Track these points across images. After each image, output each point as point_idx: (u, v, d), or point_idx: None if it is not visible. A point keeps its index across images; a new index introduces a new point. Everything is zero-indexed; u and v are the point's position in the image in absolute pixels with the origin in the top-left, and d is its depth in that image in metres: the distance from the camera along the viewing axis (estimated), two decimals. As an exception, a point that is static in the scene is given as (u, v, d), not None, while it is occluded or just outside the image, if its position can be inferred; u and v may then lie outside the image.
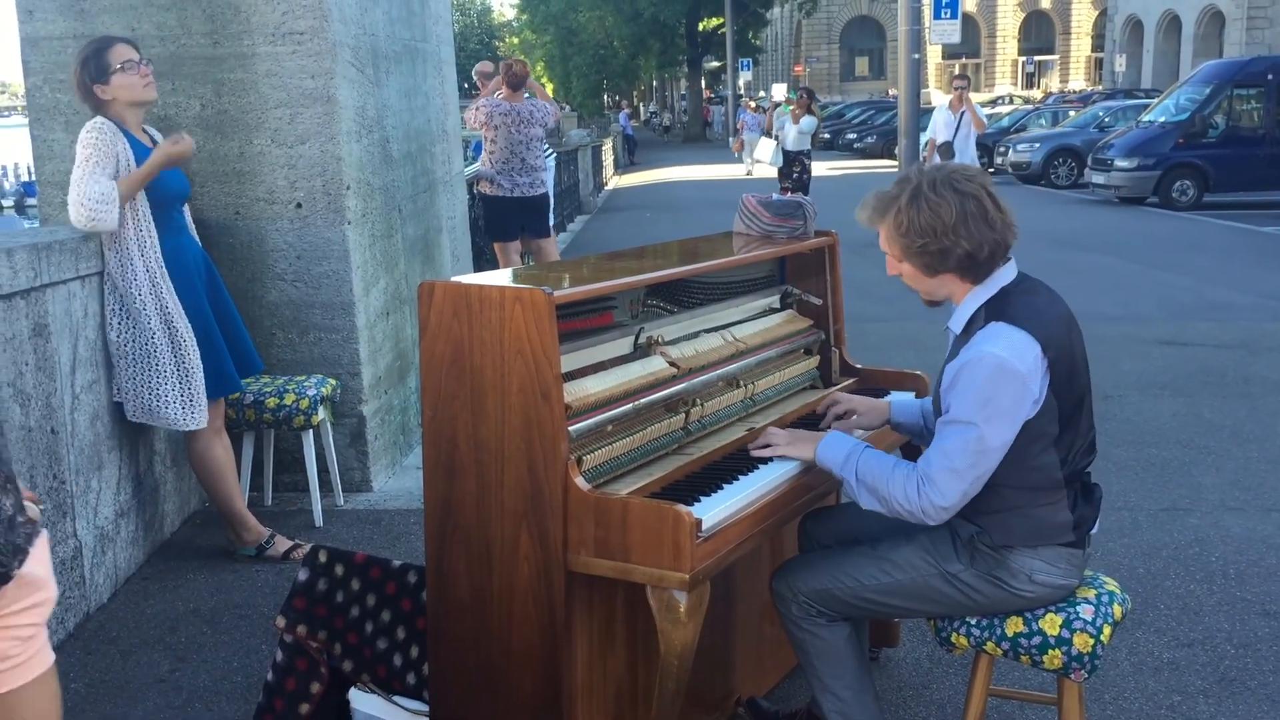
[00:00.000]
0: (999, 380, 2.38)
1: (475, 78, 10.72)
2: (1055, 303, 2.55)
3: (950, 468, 2.43)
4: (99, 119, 3.97)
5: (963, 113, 12.90)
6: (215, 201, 4.88)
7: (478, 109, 8.61)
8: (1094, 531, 2.63)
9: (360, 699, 2.88)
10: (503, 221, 8.82)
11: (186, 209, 4.33)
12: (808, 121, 15.58)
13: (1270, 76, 17.60)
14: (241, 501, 4.41)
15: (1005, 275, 2.53)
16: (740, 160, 27.89)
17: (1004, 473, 2.47)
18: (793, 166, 15.66)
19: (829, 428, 2.99)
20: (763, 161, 17.16)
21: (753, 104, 31.17)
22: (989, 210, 2.46)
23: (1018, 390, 2.39)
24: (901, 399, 3.07)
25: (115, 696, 3.44)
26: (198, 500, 4.96)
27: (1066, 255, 12.39)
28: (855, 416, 3.03)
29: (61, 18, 4.77)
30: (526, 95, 8.69)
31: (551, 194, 10.15)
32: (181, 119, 4.82)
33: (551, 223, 9.87)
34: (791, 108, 16.47)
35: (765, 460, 2.76)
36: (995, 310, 2.48)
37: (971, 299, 2.54)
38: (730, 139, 31.27)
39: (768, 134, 17.73)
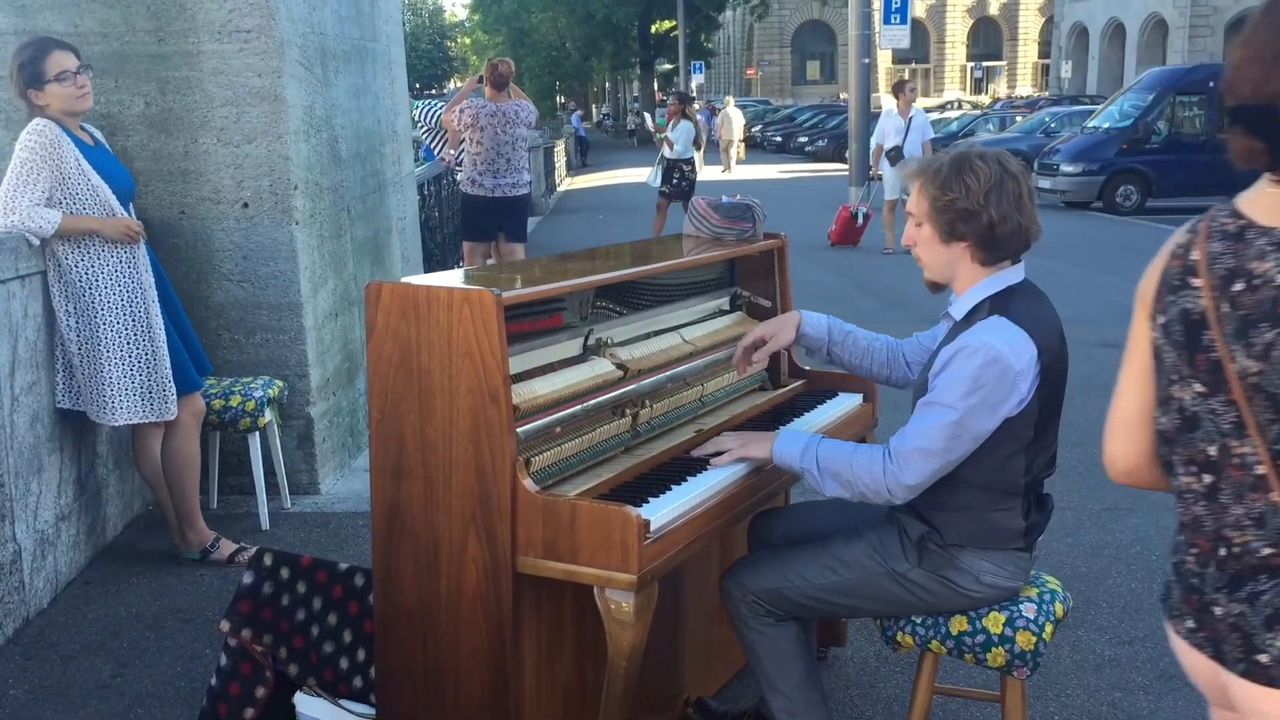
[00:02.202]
0: (991, 371, 2.39)
1: None
2: (1055, 315, 2.57)
3: (923, 447, 2.43)
4: (41, 121, 3.92)
5: (911, 118, 13.01)
6: (160, 201, 4.82)
7: (463, 110, 8.56)
8: (1040, 537, 2.66)
9: (306, 703, 2.86)
10: (481, 221, 8.78)
11: (131, 208, 4.27)
12: (685, 129, 14.00)
13: (1212, 84, 17.91)
14: (198, 499, 4.37)
15: (1014, 275, 2.54)
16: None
17: (969, 470, 2.48)
18: (671, 173, 13.98)
19: (749, 362, 3.00)
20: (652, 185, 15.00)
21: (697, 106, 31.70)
22: (1024, 195, 2.46)
23: (1007, 385, 2.40)
24: (812, 314, 3.02)
25: (55, 702, 3.38)
26: (141, 503, 4.89)
27: (1013, 259, 12.53)
28: (767, 343, 2.99)
29: (1, 14, 4.69)
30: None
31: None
32: (125, 117, 4.75)
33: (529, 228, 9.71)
34: (668, 124, 14.51)
35: (716, 462, 2.77)
36: (999, 305, 2.48)
37: (977, 289, 2.53)
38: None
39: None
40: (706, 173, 27.47)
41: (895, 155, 12.86)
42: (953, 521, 2.54)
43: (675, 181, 13.94)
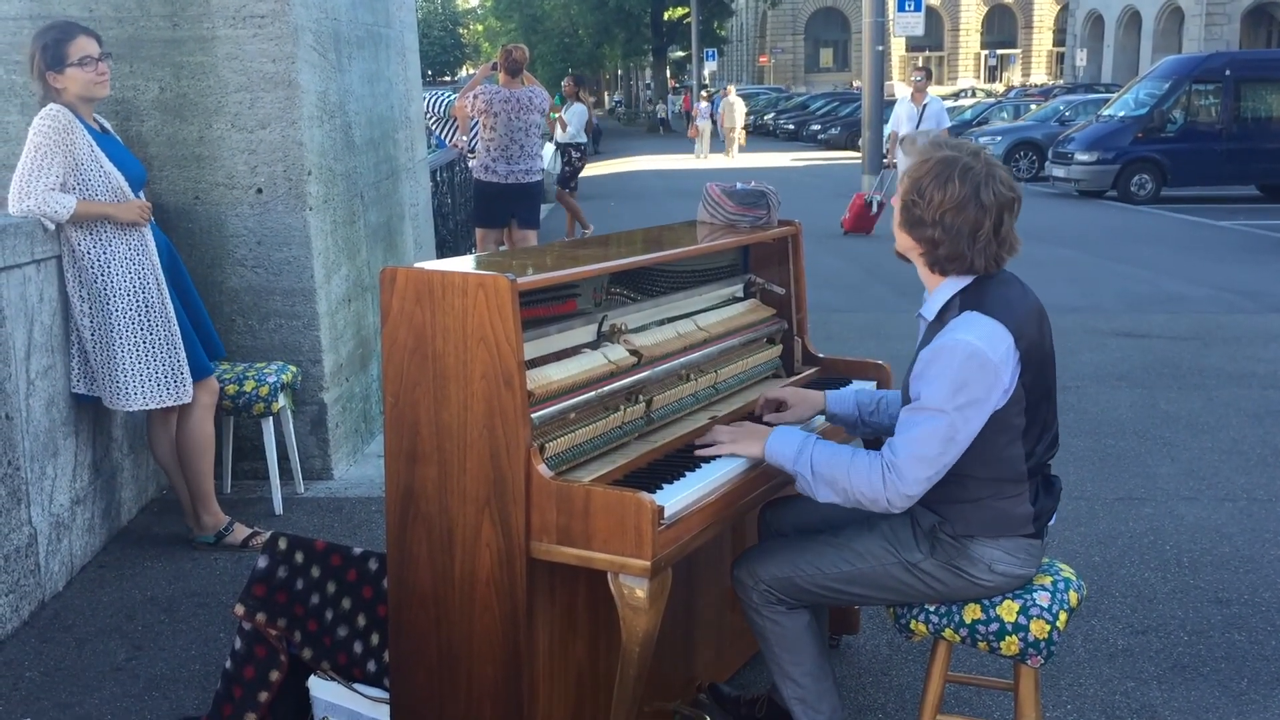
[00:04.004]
0: (972, 368, 2.38)
1: None
2: (1028, 296, 2.56)
3: (917, 455, 2.42)
4: (54, 106, 3.92)
5: (924, 105, 12.98)
6: (174, 186, 4.82)
7: (476, 96, 8.54)
8: (1052, 523, 2.66)
9: (320, 687, 2.87)
10: (494, 208, 8.77)
11: (143, 195, 4.28)
12: (578, 112, 13.42)
13: (1228, 72, 17.82)
14: (212, 483, 4.39)
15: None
16: (696, 147, 30.04)
17: (970, 463, 2.48)
18: (561, 159, 13.40)
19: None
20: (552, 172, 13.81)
21: (705, 94, 32.93)
22: (983, 228, 2.45)
23: (989, 379, 2.39)
24: (837, 392, 3.06)
25: (71, 685, 3.40)
26: (155, 487, 4.91)
27: (1027, 248, 12.40)
28: (787, 410, 3.00)
29: (18, -2, 4.69)
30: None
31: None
32: (140, 102, 4.76)
33: (542, 215, 9.65)
34: (563, 109, 13.88)
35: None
36: (970, 299, 2.48)
37: (945, 287, 2.54)
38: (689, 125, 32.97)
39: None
40: (711, 160, 27.81)
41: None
42: (961, 513, 2.54)
43: (562, 166, 13.39)
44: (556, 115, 13.79)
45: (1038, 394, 2.50)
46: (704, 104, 31.33)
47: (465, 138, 9.73)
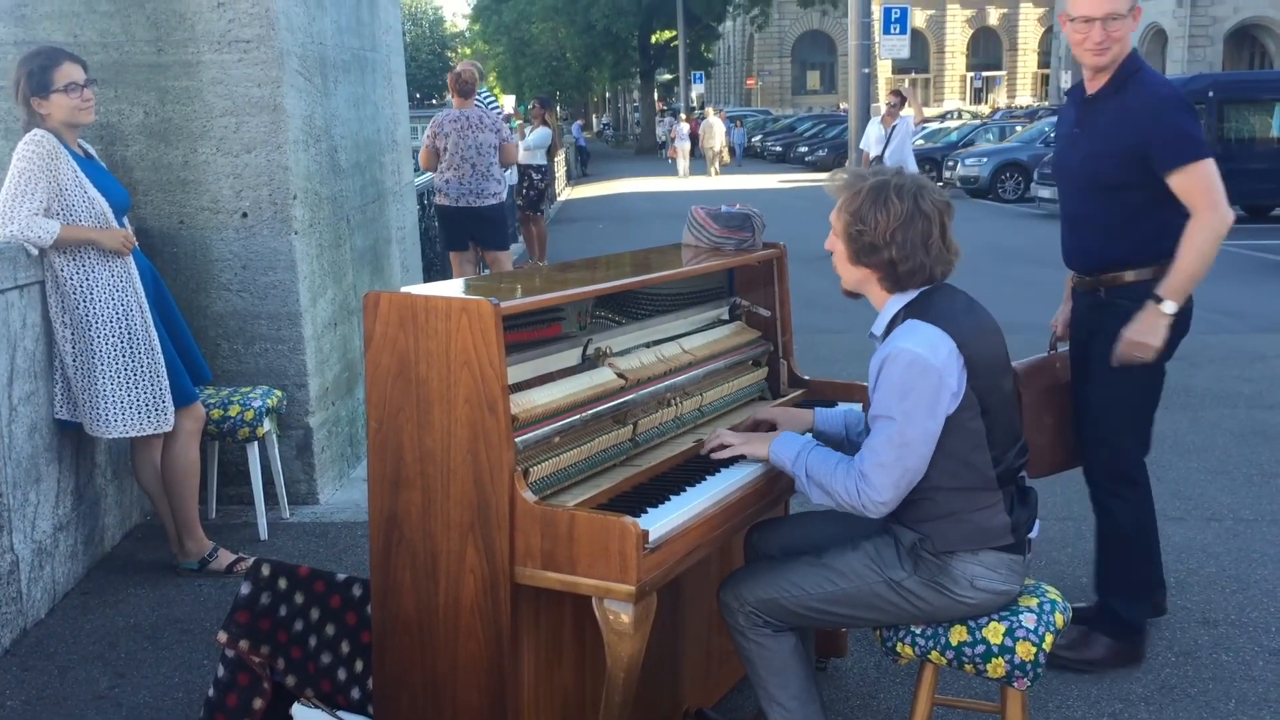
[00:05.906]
0: (913, 374, 2.46)
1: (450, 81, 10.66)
2: (974, 310, 2.64)
3: (878, 462, 2.50)
4: (39, 131, 3.92)
5: (894, 127, 13.05)
6: (159, 211, 4.82)
7: (429, 127, 8.55)
8: (1033, 536, 2.66)
9: (304, 714, 2.84)
10: (453, 232, 8.74)
11: (128, 221, 4.27)
12: (540, 134, 12.83)
13: (1211, 94, 17.92)
14: (196, 508, 4.36)
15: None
16: (675, 168, 32.07)
17: (938, 475, 2.52)
18: (522, 182, 12.89)
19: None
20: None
21: (685, 116, 35.80)
22: (933, 236, 2.54)
23: (933, 383, 2.46)
24: (825, 410, 3.10)
25: (52, 713, 3.37)
26: (139, 514, 4.88)
27: (1013, 268, 12.54)
28: (776, 429, 3.03)
29: (1, 24, 4.69)
30: (476, 102, 8.64)
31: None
32: (125, 127, 4.76)
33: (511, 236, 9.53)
34: (519, 125, 13.66)
35: (714, 469, 2.77)
36: (913, 310, 2.57)
37: (892, 303, 2.62)
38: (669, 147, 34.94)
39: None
40: (694, 182, 28.02)
41: (877, 165, 12.85)
42: (939, 529, 2.57)
43: (525, 190, 13.01)
44: (518, 123, 13.56)
45: (994, 400, 2.55)
46: (684, 126, 33.03)
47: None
